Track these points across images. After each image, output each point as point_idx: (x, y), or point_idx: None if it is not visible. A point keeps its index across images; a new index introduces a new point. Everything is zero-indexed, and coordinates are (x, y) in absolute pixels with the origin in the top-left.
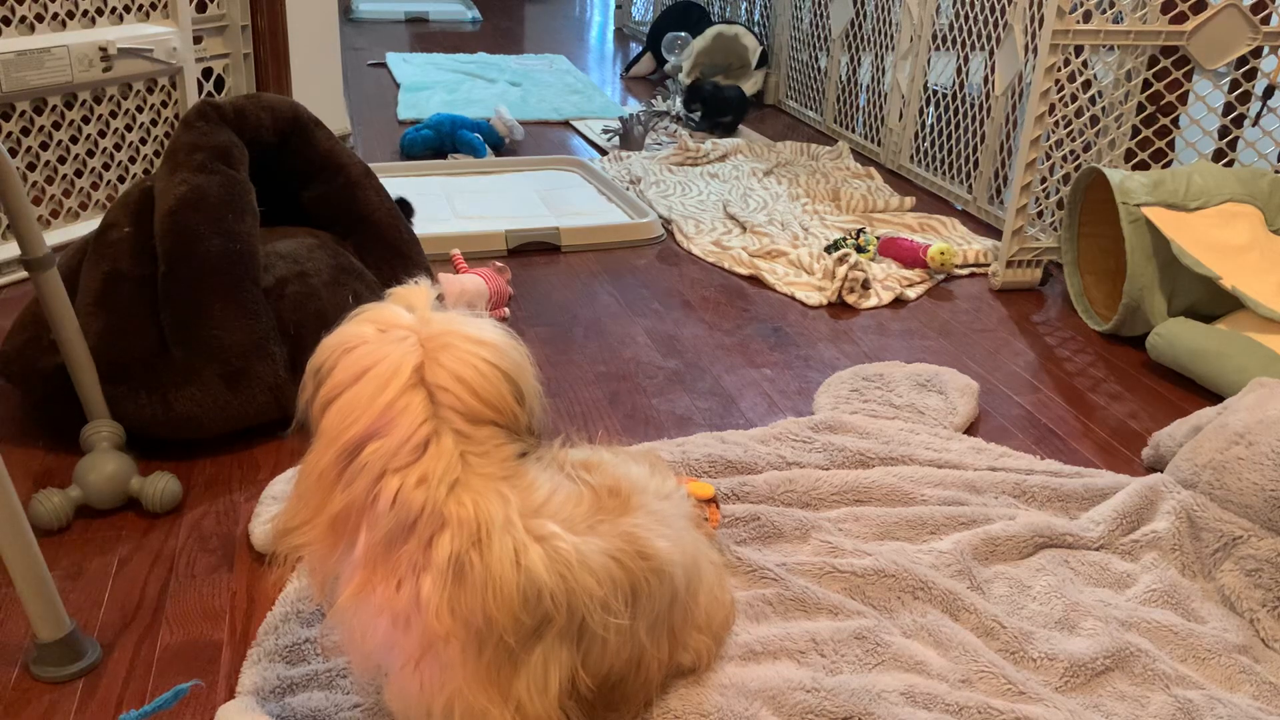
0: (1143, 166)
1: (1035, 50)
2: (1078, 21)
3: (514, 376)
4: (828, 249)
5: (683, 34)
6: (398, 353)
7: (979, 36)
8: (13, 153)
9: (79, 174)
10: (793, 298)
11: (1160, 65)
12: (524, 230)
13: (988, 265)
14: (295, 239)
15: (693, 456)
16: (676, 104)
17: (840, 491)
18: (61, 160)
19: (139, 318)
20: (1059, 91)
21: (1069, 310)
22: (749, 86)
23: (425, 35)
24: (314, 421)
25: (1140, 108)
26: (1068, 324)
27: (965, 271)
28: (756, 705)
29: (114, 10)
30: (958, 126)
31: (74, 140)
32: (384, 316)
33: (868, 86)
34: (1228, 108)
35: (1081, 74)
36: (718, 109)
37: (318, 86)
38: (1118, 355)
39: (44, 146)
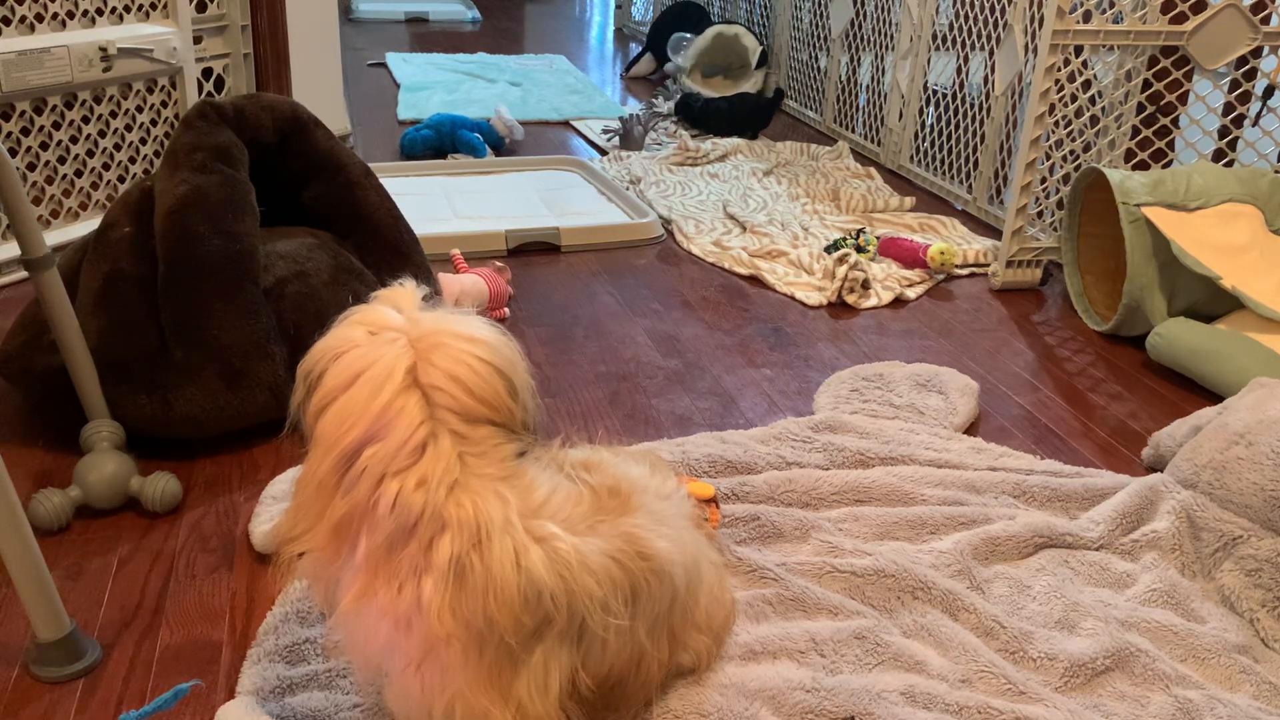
0: (1143, 166)
1: (1035, 50)
2: (1078, 21)
3: (507, 372)
4: (828, 249)
5: (688, 35)
6: (389, 355)
7: (979, 36)
8: (13, 153)
9: (79, 174)
10: (793, 298)
11: (1160, 65)
12: (524, 230)
13: (988, 265)
14: (295, 239)
15: (693, 456)
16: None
17: (840, 491)
18: (61, 160)
19: (139, 318)
20: (1059, 91)
21: (1069, 310)
22: (749, 87)
23: (425, 35)
24: (308, 427)
25: (1140, 108)
26: (1068, 324)
27: (965, 271)
28: (756, 705)
29: (114, 10)
30: (958, 126)
31: (74, 140)
32: (373, 319)
33: (868, 86)
34: (1228, 108)
35: (1081, 74)
36: (722, 124)
37: (318, 86)
38: (1118, 355)
39: (44, 146)
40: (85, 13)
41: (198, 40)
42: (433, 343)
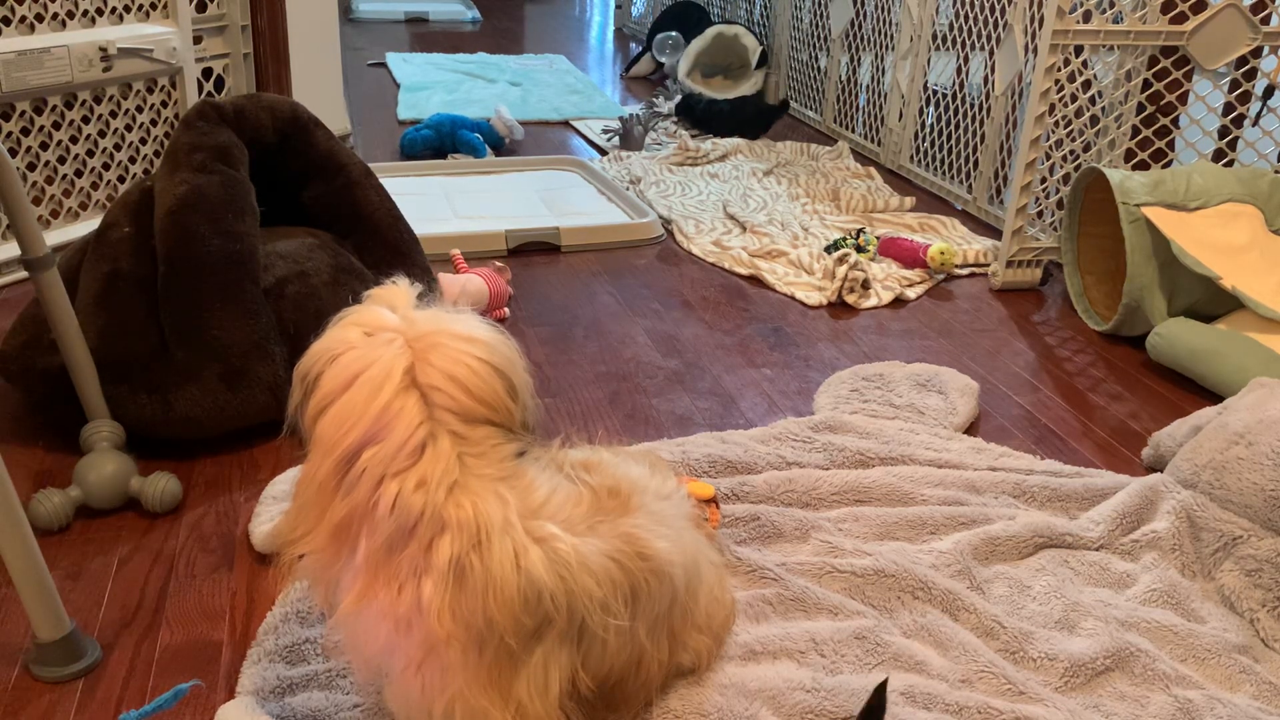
0: (1143, 166)
1: (1035, 50)
2: (1078, 21)
3: (506, 372)
4: (828, 249)
5: (673, 34)
6: (387, 356)
7: (979, 36)
8: (13, 153)
9: (79, 174)
10: (793, 298)
11: (1160, 65)
12: (524, 230)
13: (988, 265)
14: (295, 239)
15: (693, 456)
16: (674, 105)
17: (840, 491)
18: (61, 160)
19: (139, 318)
20: (1059, 91)
21: (1069, 310)
22: (749, 87)
23: (425, 35)
24: (306, 430)
25: (1140, 108)
26: (1068, 324)
27: (965, 271)
28: (756, 705)
29: (114, 10)
30: (958, 126)
31: (74, 140)
32: (369, 319)
33: (868, 86)
34: (1228, 108)
35: (1081, 74)
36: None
37: (318, 86)
38: (1118, 355)
39: (44, 146)
40: (85, 13)
41: (198, 40)
42: (430, 343)
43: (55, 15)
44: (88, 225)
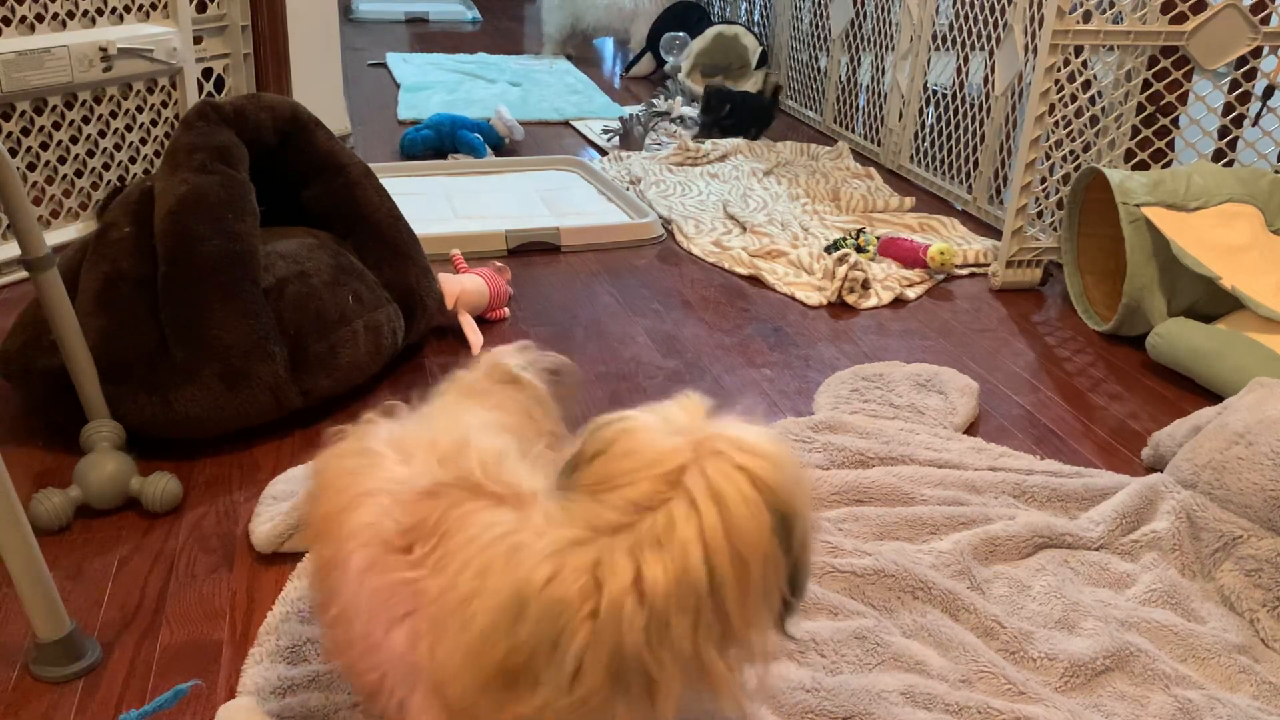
0: (1143, 166)
1: (1035, 50)
2: (1078, 21)
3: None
4: (828, 249)
5: (681, 34)
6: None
7: (979, 36)
8: (13, 153)
9: (79, 174)
10: (793, 298)
11: (1160, 65)
12: (524, 230)
13: (988, 265)
14: (295, 239)
15: None
16: (678, 104)
17: (840, 491)
18: (61, 160)
19: (139, 318)
20: (1059, 91)
21: (1069, 310)
22: (749, 87)
23: (425, 35)
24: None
25: (1140, 108)
26: (1068, 324)
27: (965, 271)
28: (756, 705)
29: (114, 10)
30: (957, 126)
31: (74, 140)
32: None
33: (868, 86)
34: (1228, 108)
35: (1081, 74)
36: (744, 117)
37: (318, 86)
38: (1118, 355)
39: (44, 146)
40: (85, 13)
41: (198, 40)
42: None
43: (55, 15)
44: (88, 225)
